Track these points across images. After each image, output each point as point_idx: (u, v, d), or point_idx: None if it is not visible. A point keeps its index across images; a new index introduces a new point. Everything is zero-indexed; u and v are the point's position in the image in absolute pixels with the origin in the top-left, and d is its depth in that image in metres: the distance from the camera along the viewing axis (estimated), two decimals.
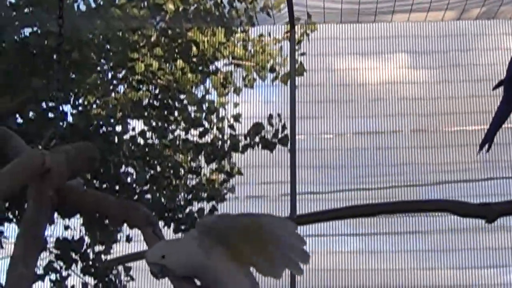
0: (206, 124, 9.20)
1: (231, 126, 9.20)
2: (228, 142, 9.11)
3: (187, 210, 9.01)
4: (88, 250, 9.05)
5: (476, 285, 13.32)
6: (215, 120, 9.27)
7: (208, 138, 9.19)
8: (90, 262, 9.01)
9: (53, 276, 8.88)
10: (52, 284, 8.88)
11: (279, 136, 9.08)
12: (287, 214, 9.10)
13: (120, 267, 9.14)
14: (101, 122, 8.30)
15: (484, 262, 13.05)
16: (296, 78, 9.87)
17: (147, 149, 8.85)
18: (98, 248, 9.03)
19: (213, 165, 9.45)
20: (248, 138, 9.10)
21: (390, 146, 12.95)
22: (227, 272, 2.81)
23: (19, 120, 8.07)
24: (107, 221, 8.61)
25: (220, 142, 9.12)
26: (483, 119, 12.37)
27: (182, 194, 8.90)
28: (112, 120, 8.47)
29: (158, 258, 2.79)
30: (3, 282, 8.85)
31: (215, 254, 2.81)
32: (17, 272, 2.89)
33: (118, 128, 8.66)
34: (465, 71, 12.97)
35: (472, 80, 12.93)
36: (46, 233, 4.17)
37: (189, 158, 9.03)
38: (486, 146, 4.00)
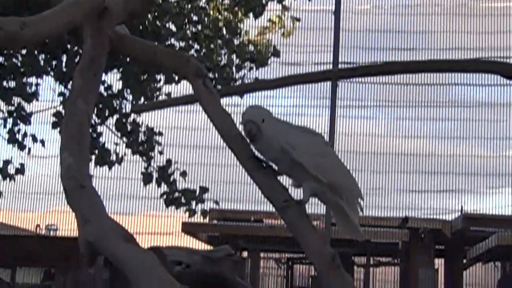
0: None
1: None
2: None
3: (227, 71, 8.81)
4: (123, 107, 9.00)
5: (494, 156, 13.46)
6: None
7: None
8: (124, 120, 8.98)
9: None
10: None
11: None
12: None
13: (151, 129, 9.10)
14: None
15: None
16: None
17: (187, 4, 8.55)
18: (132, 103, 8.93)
19: (256, 27, 9.16)
20: None
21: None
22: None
23: None
24: (144, 77, 8.50)
25: None
26: None
27: (224, 53, 8.66)
28: None
29: (259, 118, 2.70)
30: (38, 135, 8.79)
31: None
32: (77, 108, 2.78)
33: None
34: None
35: None
36: None
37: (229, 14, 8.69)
38: None
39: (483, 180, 13.74)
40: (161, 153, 8.88)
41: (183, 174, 8.91)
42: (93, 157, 8.85)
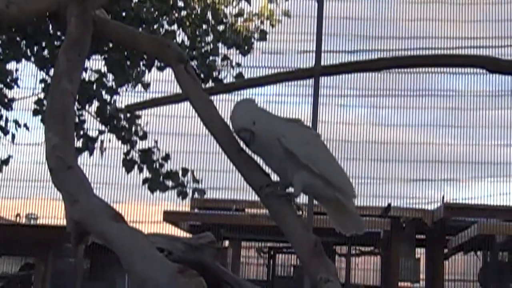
0: None
1: None
2: None
3: (209, 60, 8.74)
4: (104, 94, 8.92)
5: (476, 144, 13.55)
6: None
7: None
8: (107, 107, 8.89)
9: None
10: None
11: None
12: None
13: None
14: None
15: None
16: None
17: None
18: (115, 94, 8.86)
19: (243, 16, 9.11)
20: None
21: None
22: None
23: None
24: (128, 63, 8.43)
25: None
26: None
27: (209, 39, 8.58)
28: None
29: (250, 123, 2.62)
30: (21, 120, 8.69)
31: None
32: (61, 88, 2.74)
33: None
34: None
35: None
36: None
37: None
38: None
39: (464, 169, 13.81)
40: (141, 138, 8.78)
41: (166, 157, 8.83)
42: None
